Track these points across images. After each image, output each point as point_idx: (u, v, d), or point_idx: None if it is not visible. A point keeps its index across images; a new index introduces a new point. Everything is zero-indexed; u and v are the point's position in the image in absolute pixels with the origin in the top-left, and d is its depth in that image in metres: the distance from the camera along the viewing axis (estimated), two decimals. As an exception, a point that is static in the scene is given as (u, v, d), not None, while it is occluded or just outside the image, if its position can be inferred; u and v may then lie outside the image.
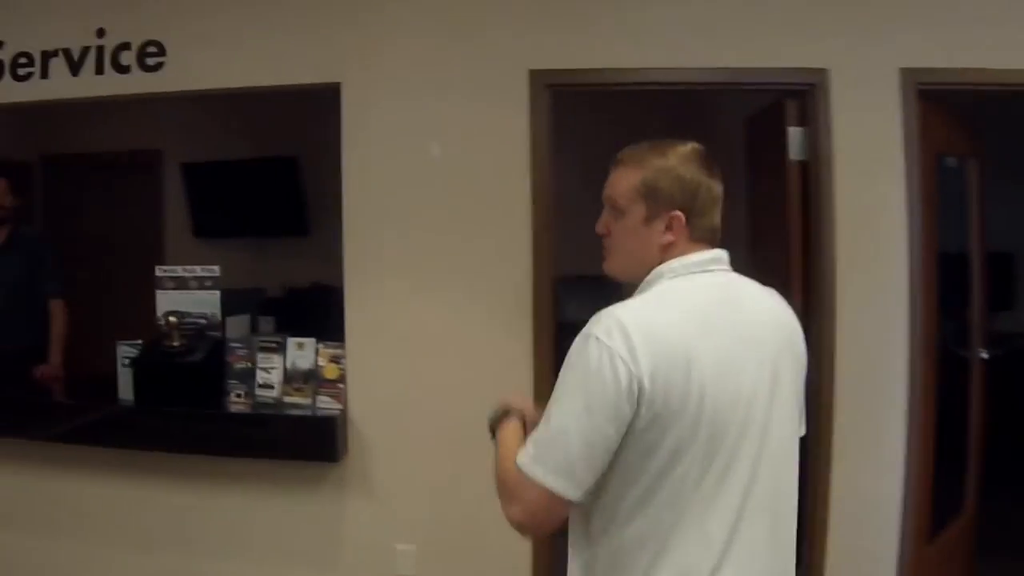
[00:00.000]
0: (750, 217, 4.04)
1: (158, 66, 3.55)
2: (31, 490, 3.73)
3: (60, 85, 3.66)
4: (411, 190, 3.35)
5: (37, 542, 3.74)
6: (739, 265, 1.64)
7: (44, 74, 3.67)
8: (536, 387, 3.22)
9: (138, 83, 3.57)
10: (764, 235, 3.83)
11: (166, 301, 3.61)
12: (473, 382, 3.23)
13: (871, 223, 3.24)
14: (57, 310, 4.33)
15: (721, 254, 1.64)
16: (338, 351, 3.39)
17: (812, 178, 3.30)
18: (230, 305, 3.66)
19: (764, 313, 1.63)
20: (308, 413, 3.36)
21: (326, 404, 3.37)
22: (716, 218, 1.63)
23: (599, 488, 1.50)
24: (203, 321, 3.59)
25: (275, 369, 3.43)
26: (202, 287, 3.63)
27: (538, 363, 3.31)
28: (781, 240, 3.43)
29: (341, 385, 3.37)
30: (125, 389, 3.53)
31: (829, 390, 3.23)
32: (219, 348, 3.51)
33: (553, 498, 1.46)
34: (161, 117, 5.90)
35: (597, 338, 1.45)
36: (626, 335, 1.44)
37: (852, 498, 3.23)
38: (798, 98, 3.34)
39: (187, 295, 3.62)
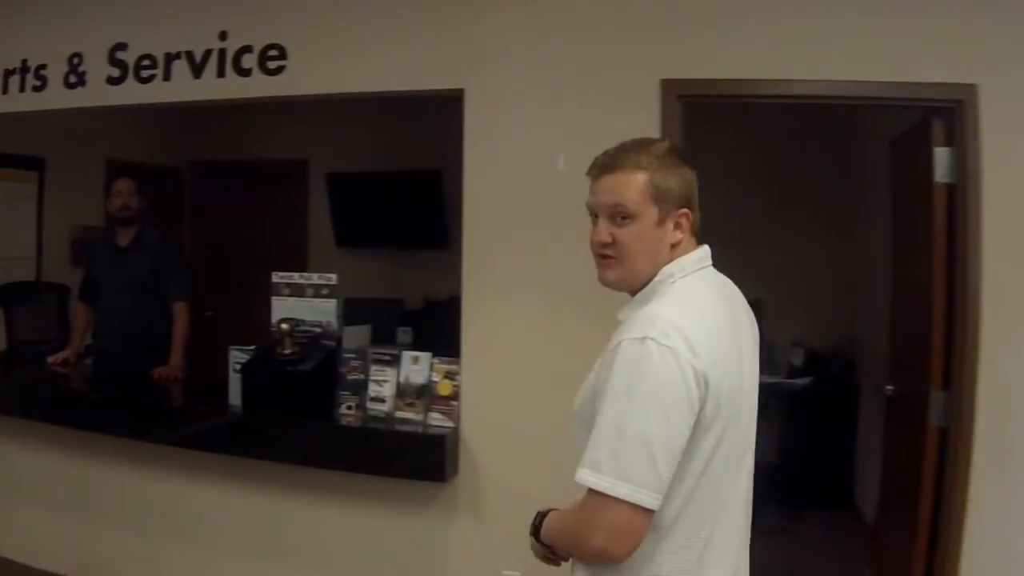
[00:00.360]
0: (893, 239, 3.89)
1: (279, 70, 3.51)
2: (140, 490, 3.75)
3: (182, 88, 3.66)
4: (533, 203, 3.22)
5: (142, 541, 3.76)
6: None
7: (167, 76, 3.68)
8: None
9: (259, 86, 3.55)
10: (906, 259, 3.66)
11: (282, 308, 3.57)
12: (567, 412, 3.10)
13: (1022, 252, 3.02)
14: (180, 312, 4.34)
15: (708, 249, 1.72)
16: (453, 367, 3.30)
17: (959, 202, 3.09)
18: (366, 315, 3.61)
19: (741, 306, 1.73)
20: (418, 430, 3.26)
21: (437, 421, 3.28)
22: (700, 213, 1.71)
23: None
24: (318, 329, 3.54)
25: (388, 382, 3.36)
26: (318, 295, 3.57)
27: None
28: (924, 265, 3.24)
29: (454, 402, 3.27)
30: (235, 395, 3.50)
31: (969, 429, 3.02)
32: (332, 358, 3.46)
33: (638, 513, 1.43)
34: (308, 127, 6.15)
35: (656, 341, 1.46)
36: (683, 334, 1.47)
37: (986, 546, 3.01)
38: (945, 116, 3.14)
39: (304, 303, 3.57)
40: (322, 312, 3.57)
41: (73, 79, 3.88)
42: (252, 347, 3.56)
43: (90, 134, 5.79)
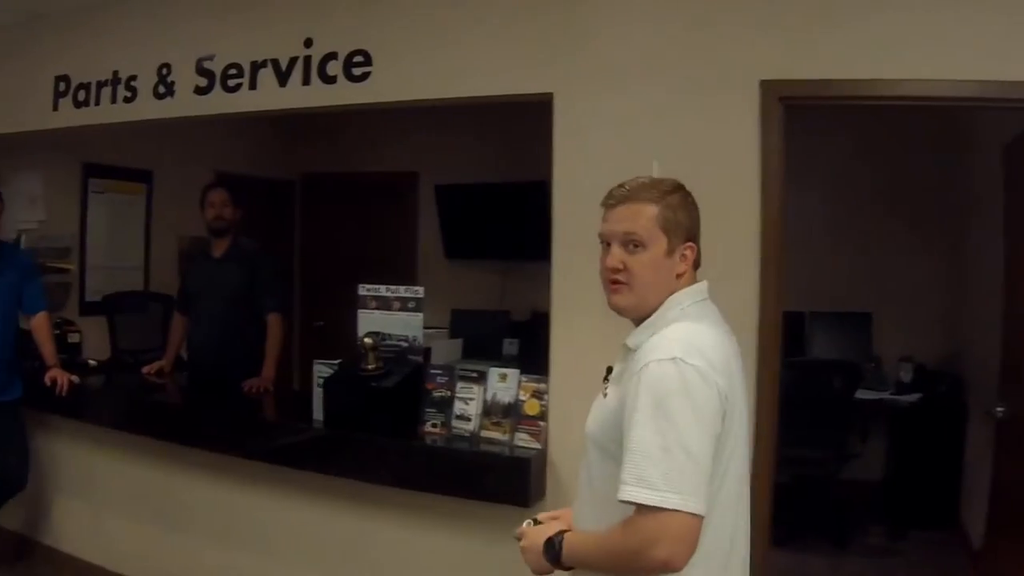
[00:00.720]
0: (1006, 250, 3.63)
1: (364, 76, 3.40)
2: (221, 502, 3.72)
3: (267, 96, 3.60)
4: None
5: (221, 553, 3.73)
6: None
7: (252, 85, 3.63)
8: (755, 429, 2.83)
9: (344, 94, 3.45)
10: (1020, 271, 3.38)
11: (368, 321, 3.46)
12: None
13: None
14: (273, 323, 4.31)
15: (706, 283, 1.84)
16: (541, 385, 3.11)
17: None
18: (473, 326, 3.49)
19: (731, 337, 1.82)
20: (504, 451, 3.09)
21: (524, 442, 3.09)
22: None
23: None
24: (404, 344, 3.41)
25: (474, 400, 3.20)
26: (405, 308, 3.45)
27: (761, 403, 2.91)
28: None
29: (542, 423, 3.08)
30: (319, 410, 3.41)
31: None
32: (417, 374, 3.32)
33: (694, 521, 1.51)
34: (418, 139, 6.33)
35: (685, 360, 1.58)
36: (704, 355, 1.60)
37: None
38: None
39: (391, 316, 3.45)
40: (408, 326, 3.45)
41: (162, 89, 3.88)
42: (337, 361, 3.46)
43: (198, 146, 5.94)
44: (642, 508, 1.53)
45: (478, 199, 6.32)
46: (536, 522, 1.91)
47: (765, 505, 2.84)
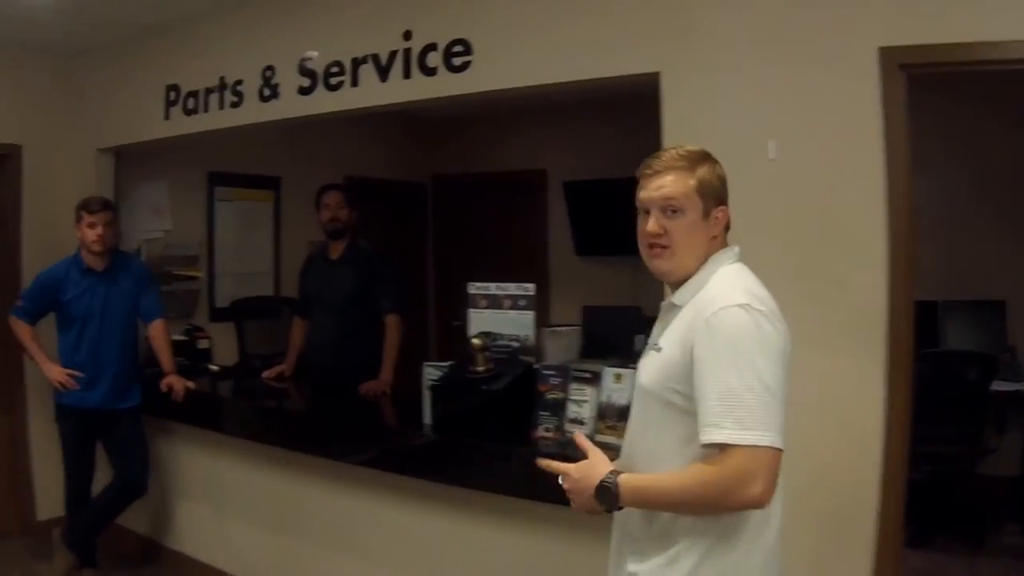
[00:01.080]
0: None
1: (464, 66, 3.29)
2: (334, 508, 3.67)
3: (369, 92, 3.55)
4: (741, 198, 2.75)
5: (335, 559, 3.68)
6: None
7: (354, 82, 3.58)
8: (887, 423, 2.61)
9: (445, 85, 3.36)
10: None
11: (479, 321, 3.33)
12: (812, 414, 2.60)
13: None
14: (391, 325, 4.25)
15: (738, 247, 1.90)
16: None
17: None
18: (604, 322, 3.34)
19: None
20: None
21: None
22: None
23: None
24: (515, 344, 3.26)
25: (588, 402, 3.00)
26: (516, 307, 3.29)
27: (892, 395, 2.64)
28: None
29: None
30: (428, 414, 3.29)
31: None
32: (529, 375, 3.15)
33: (779, 456, 1.60)
34: (545, 136, 6.48)
35: (751, 307, 1.67)
36: (763, 301, 1.71)
37: None
38: None
39: (502, 315, 3.31)
40: (520, 325, 3.29)
41: (267, 92, 3.89)
42: (447, 363, 3.34)
43: (327, 151, 6.03)
44: (731, 448, 1.57)
45: (606, 194, 6.07)
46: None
47: (898, 504, 2.63)
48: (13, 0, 3.88)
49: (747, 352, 1.62)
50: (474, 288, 3.40)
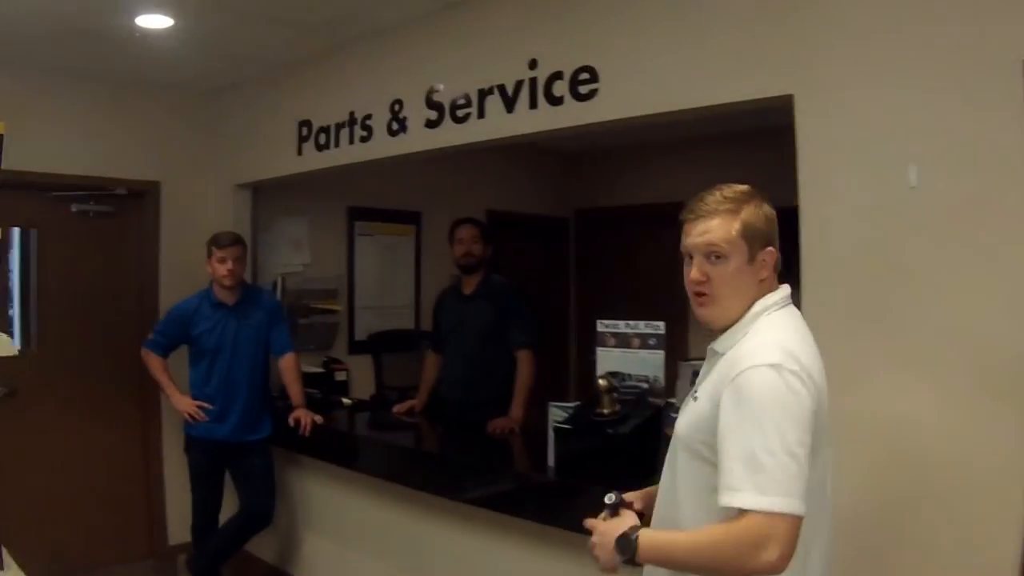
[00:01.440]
0: None
1: (591, 94, 3.15)
2: (452, 547, 3.61)
3: (495, 124, 3.48)
4: (881, 229, 2.49)
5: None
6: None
7: (481, 113, 3.52)
8: None
9: (572, 114, 3.23)
10: None
11: (607, 360, 3.19)
12: (948, 478, 2.34)
13: None
14: (523, 360, 4.15)
15: (788, 288, 1.86)
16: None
17: None
18: None
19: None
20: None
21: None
22: None
23: None
24: (644, 385, 3.10)
25: (716, 449, 2.79)
26: (644, 345, 3.13)
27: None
28: None
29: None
30: (552, 455, 3.16)
31: None
32: (657, 418, 2.98)
33: (798, 523, 1.56)
34: (683, 170, 6.23)
35: (783, 367, 1.62)
36: (799, 361, 1.65)
37: None
38: None
39: (631, 355, 3.17)
40: (650, 365, 3.13)
41: (395, 126, 3.88)
42: (573, 404, 3.20)
43: (468, 185, 6.07)
44: (748, 512, 1.56)
45: None
46: (613, 508, 1.91)
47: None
48: (152, 42, 4.05)
49: (772, 415, 1.59)
50: (603, 326, 3.27)
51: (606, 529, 1.84)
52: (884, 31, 2.49)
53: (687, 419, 1.85)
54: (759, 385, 1.61)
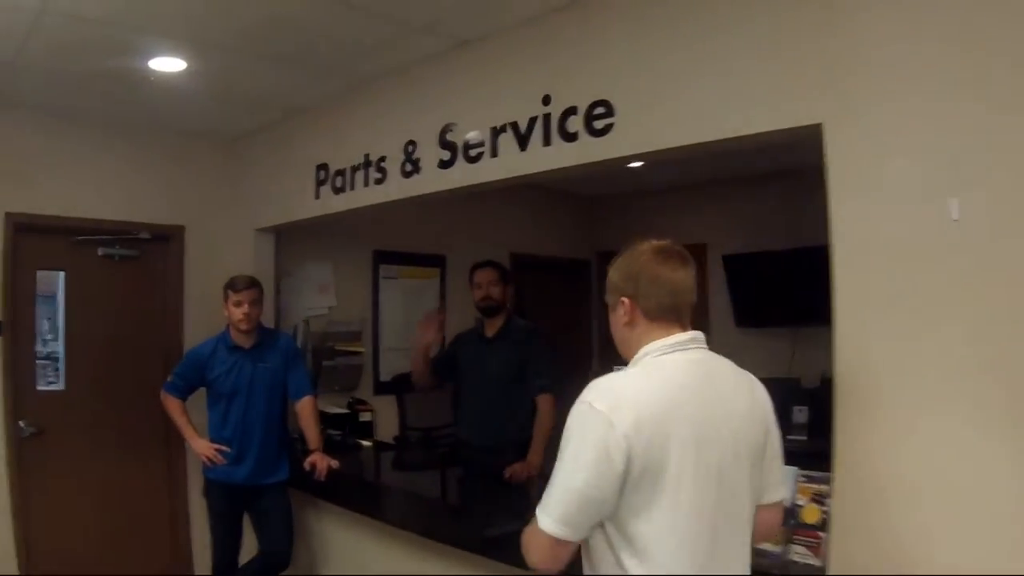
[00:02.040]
0: None
1: (607, 129, 3.05)
2: None
3: (509, 162, 3.39)
4: (920, 266, 2.33)
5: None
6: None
7: (494, 152, 3.44)
8: None
9: (586, 151, 3.13)
10: None
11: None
12: (997, 521, 2.15)
13: None
14: (544, 405, 4.04)
15: (698, 335, 2.03)
16: (822, 487, 2.50)
17: None
18: None
19: (732, 386, 2.00)
20: (775, 562, 2.50)
21: (800, 556, 2.49)
22: (669, 299, 1.97)
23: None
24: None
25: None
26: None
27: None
28: None
29: (822, 533, 2.46)
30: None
31: None
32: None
33: (552, 540, 1.80)
34: (704, 212, 6.67)
35: (591, 404, 1.79)
36: (616, 400, 1.78)
37: None
38: None
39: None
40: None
41: (409, 167, 3.83)
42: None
43: (491, 228, 6.09)
44: (536, 517, 1.84)
45: (765, 267, 6.22)
46: None
47: None
48: (168, 85, 4.06)
49: (566, 448, 1.80)
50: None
51: None
52: (918, 57, 2.34)
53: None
54: (568, 420, 1.82)
